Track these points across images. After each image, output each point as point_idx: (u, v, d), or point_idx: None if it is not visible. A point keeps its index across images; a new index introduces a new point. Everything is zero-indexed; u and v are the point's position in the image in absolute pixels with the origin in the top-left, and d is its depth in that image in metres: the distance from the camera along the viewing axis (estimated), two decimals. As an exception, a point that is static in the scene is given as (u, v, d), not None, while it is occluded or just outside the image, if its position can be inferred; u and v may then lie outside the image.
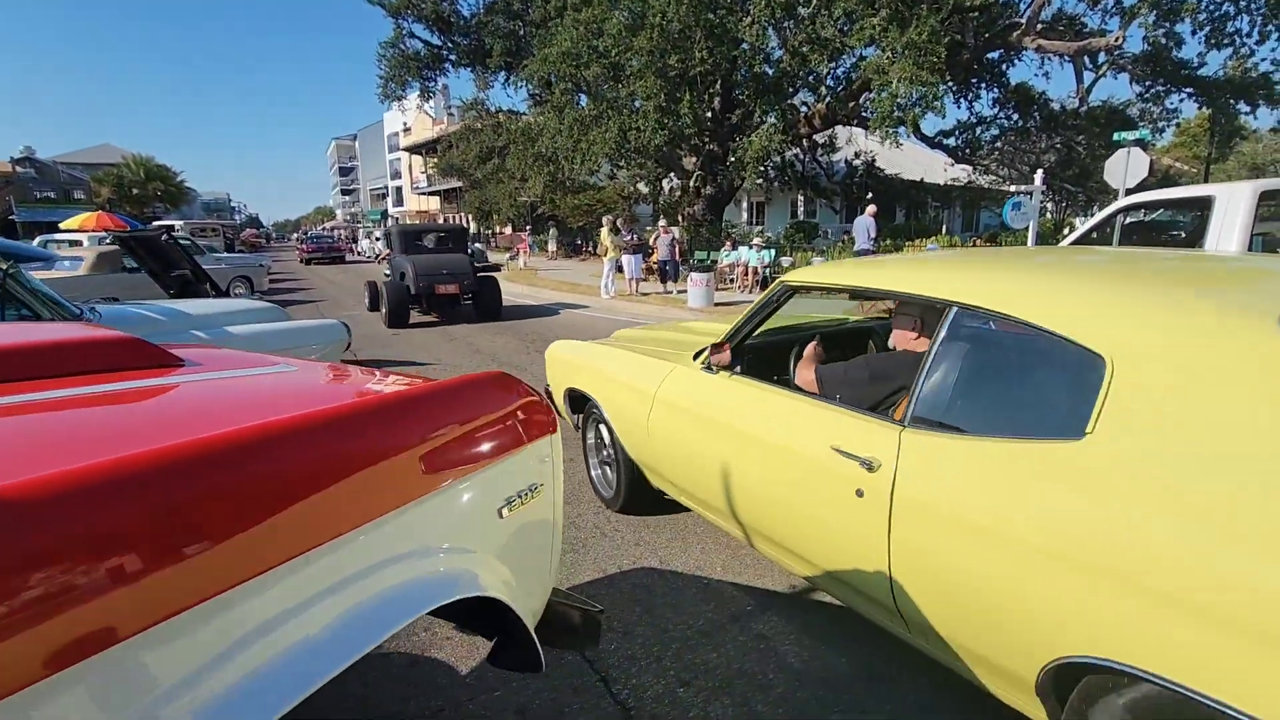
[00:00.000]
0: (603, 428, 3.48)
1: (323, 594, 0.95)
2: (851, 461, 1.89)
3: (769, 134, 14.99)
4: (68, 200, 46.01)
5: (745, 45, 15.03)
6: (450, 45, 22.78)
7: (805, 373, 2.59)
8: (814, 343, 2.78)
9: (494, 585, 1.16)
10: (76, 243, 15.75)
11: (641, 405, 3.02)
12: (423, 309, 11.15)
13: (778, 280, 2.68)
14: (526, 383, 1.42)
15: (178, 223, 31.73)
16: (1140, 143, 12.09)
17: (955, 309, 1.89)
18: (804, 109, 17.60)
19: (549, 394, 3.99)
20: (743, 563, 3.05)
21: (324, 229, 60.77)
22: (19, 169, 46.11)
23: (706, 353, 2.72)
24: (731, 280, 14.93)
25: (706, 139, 17.93)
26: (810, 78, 16.47)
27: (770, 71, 16.05)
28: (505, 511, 1.29)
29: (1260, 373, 1.28)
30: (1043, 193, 13.58)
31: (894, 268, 2.48)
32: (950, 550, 1.62)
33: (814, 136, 19.25)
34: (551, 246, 30.24)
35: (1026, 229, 11.93)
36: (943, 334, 1.89)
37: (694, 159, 18.87)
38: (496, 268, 14.20)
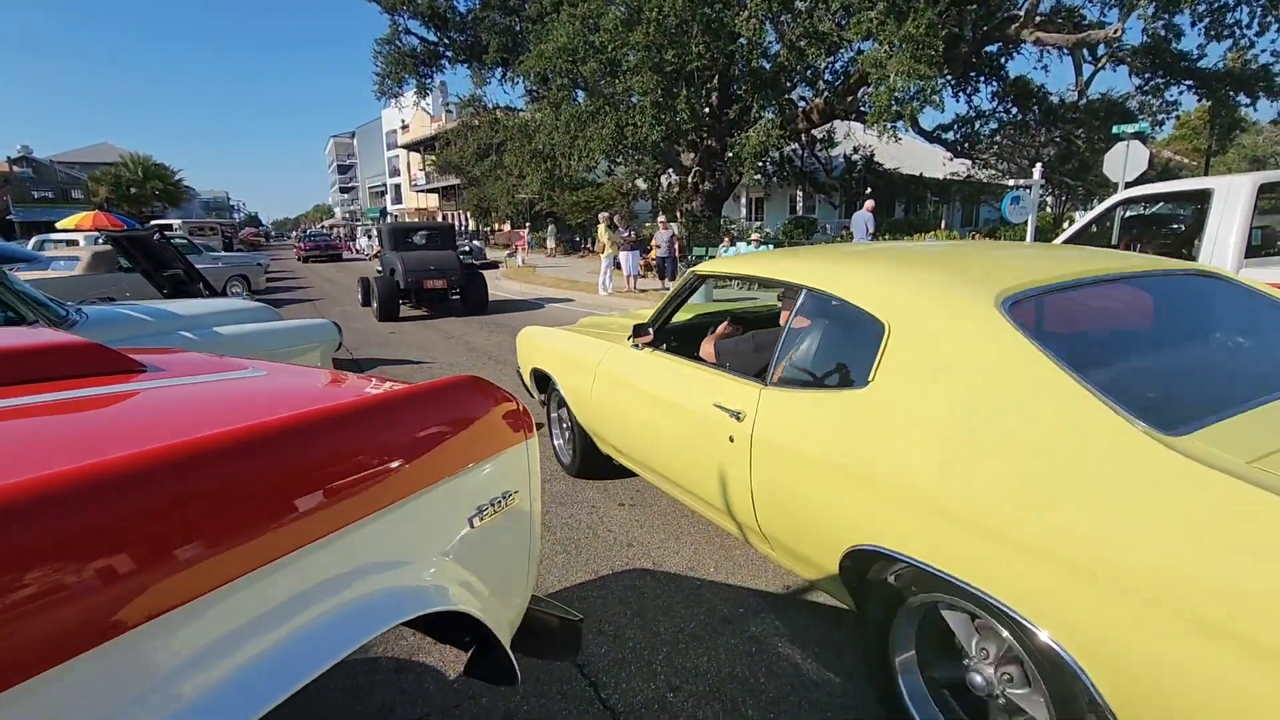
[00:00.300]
0: (561, 402, 3.92)
1: (282, 609, 0.92)
2: (726, 414, 2.35)
3: (767, 129, 14.93)
4: (65, 200, 45.92)
5: (742, 40, 14.94)
6: (446, 41, 22.69)
7: (707, 347, 3.11)
8: (724, 323, 3.37)
9: (464, 599, 1.12)
10: (73, 242, 15.69)
11: (587, 380, 3.45)
12: (412, 303, 11.68)
13: (689, 271, 3.19)
14: (502, 388, 1.38)
15: (176, 222, 31.70)
16: (1140, 136, 12.05)
17: (804, 290, 2.37)
18: (802, 104, 17.51)
19: (520, 375, 4.49)
20: (735, 563, 3.02)
21: (322, 227, 60.75)
22: (16, 169, 46.02)
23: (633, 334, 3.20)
24: (730, 276, 14.88)
25: (704, 134, 17.85)
26: (808, 72, 16.39)
27: (767, 66, 15.97)
28: (477, 520, 1.25)
29: (976, 335, 1.75)
30: (1042, 186, 13.52)
31: (773, 259, 3.16)
32: (789, 476, 2.11)
33: (812, 131, 19.17)
34: (550, 243, 30.18)
35: (1025, 223, 11.90)
36: (795, 309, 2.40)
37: (692, 155, 18.79)
38: (495, 265, 14.21)
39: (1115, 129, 12.08)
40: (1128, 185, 11.86)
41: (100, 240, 10.34)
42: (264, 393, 1.39)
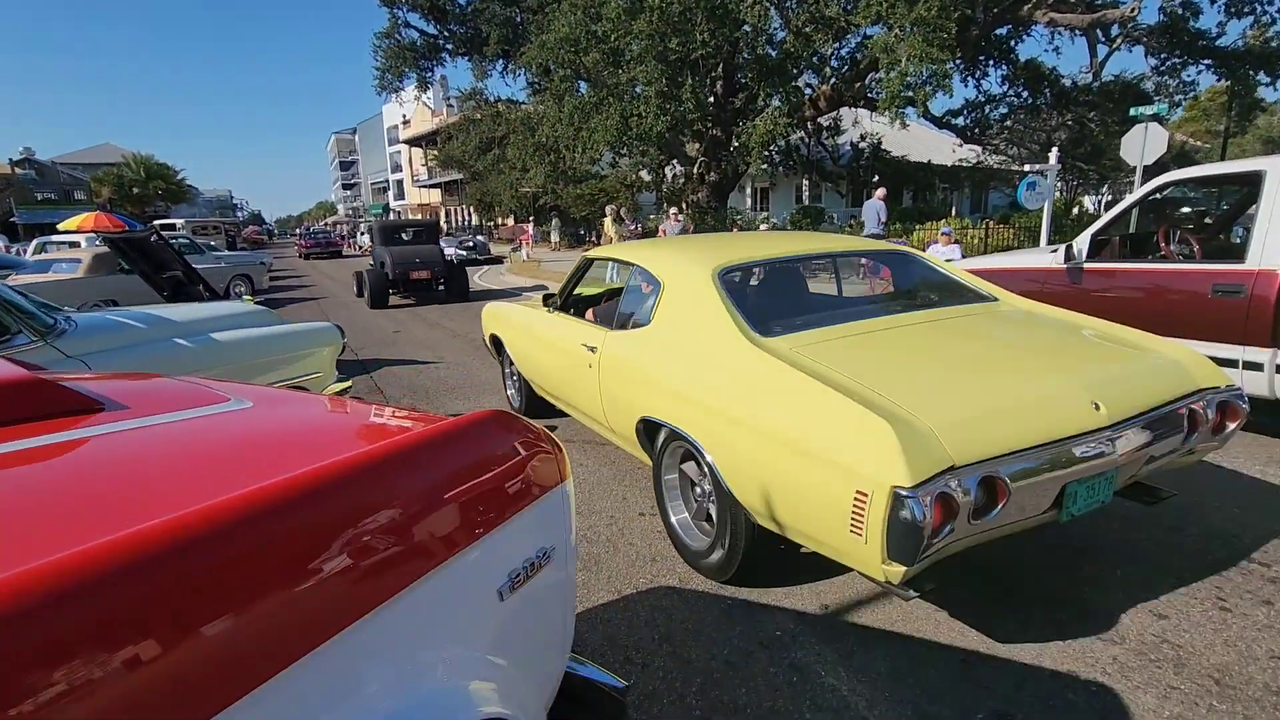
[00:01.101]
0: (510, 360, 5.03)
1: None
2: (587, 350, 3.51)
3: (773, 117, 14.64)
4: (68, 201, 45.92)
5: (747, 27, 14.65)
6: (446, 34, 22.42)
7: (589, 313, 4.22)
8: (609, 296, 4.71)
9: (490, 698, 0.92)
10: (75, 244, 15.54)
11: (522, 338, 4.60)
12: (400, 293, 13.09)
13: (581, 255, 4.40)
14: (529, 421, 1.16)
15: (179, 221, 31.59)
16: (1157, 117, 11.72)
17: (633, 265, 3.60)
18: (809, 91, 17.21)
19: (485, 342, 5.54)
20: (767, 576, 2.83)
21: (325, 225, 60.67)
22: (18, 170, 46.00)
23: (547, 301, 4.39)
24: (738, 268, 14.65)
25: (709, 124, 17.57)
26: (814, 59, 16.07)
27: (773, 53, 15.67)
28: (508, 591, 1.03)
29: (697, 292, 2.89)
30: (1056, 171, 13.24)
31: (627, 248, 4.26)
32: (615, 383, 3.27)
33: (819, 119, 18.86)
34: (554, 238, 29.94)
35: (1041, 209, 11.62)
36: (628, 279, 3.72)
37: (697, 145, 18.52)
38: (499, 260, 14.21)
39: (1132, 111, 11.76)
40: (1146, 169, 11.59)
41: (98, 242, 10.16)
42: (247, 439, 1.15)
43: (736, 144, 16.87)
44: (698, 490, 2.87)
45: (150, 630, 0.64)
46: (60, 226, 19.48)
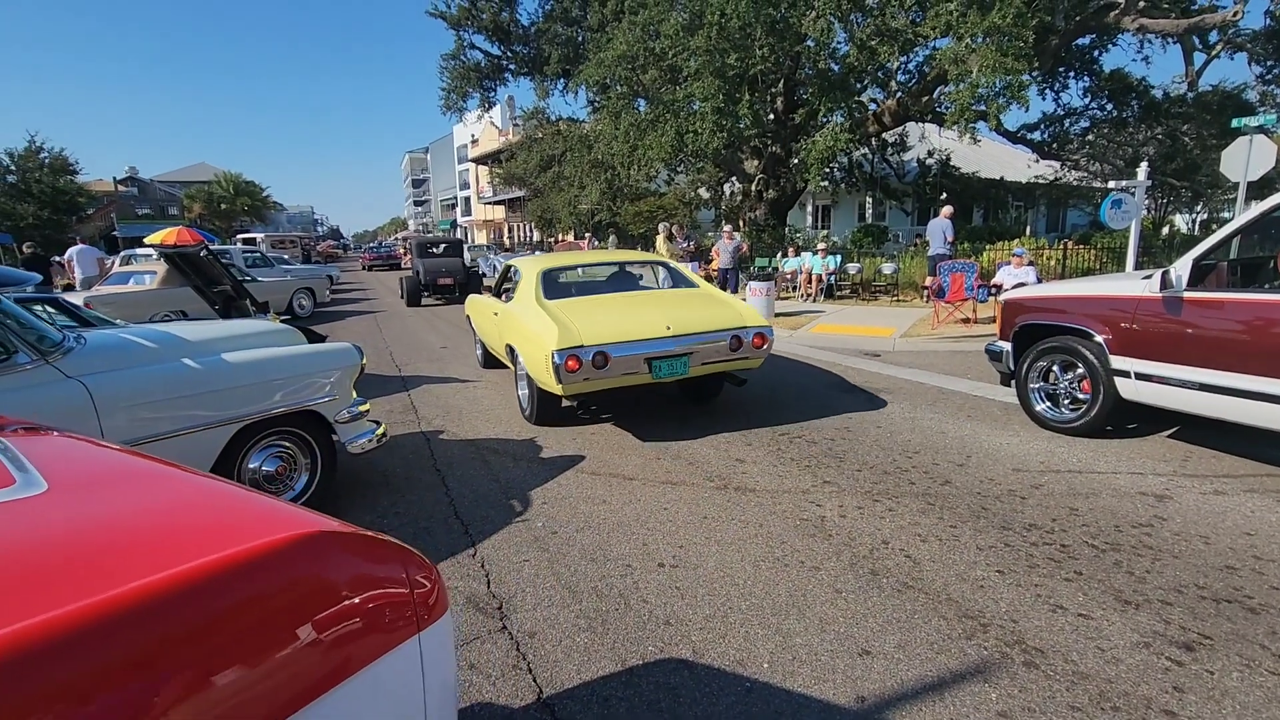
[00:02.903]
0: (474, 328, 8.05)
1: None
2: (494, 314, 6.40)
3: (835, 133, 14.10)
4: (163, 216, 49.25)
5: (809, 41, 14.22)
6: (509, 55, 22.87)
7: (502, 294, 6.69)
8: None
9: None
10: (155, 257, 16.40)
11: (474, 313, 7.71)
12: (430, 294, 16.87)
13: (505, 264, 7.09)
14: (389, 538, 0.84)
15: (259, 236, 33.33)
16: (1263, 129, 10.65)
17: (514, 267, 6.60)
18: (873, 106, 16.58)
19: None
20: (796, 656, 2.45)
21: (396, 239, 63.08)
22: (122, 188, 49.60)
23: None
24: (794, 288, 14.12)
25: (768, 140, 17.16)
26: (879, 73, 15.47)
27: (836, 68, 15.16)
28: None
29: (528, 282, 5.81)
30: (1144, 188, 12.22)
31: (518, 259, 6.73)
32: (502, 328, 6.06)
33: (883, 135, 18.16)
34: (610, 254, 29.90)
35: (1128, 229, 10.69)
36: (513, 274, 6.50)
37: (755, 162, 18.12)
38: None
39: (1234, 122, 10.72)
40: (1250, 186, 10.53)
41: (156, 257, 10.58)
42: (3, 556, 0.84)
43: (796, 160, 16.38)
44: (522, 381, 5.73)
45: None
46: (146, 240, 20.73)
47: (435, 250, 17.42)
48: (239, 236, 33.50)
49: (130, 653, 0.62)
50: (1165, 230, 22.86)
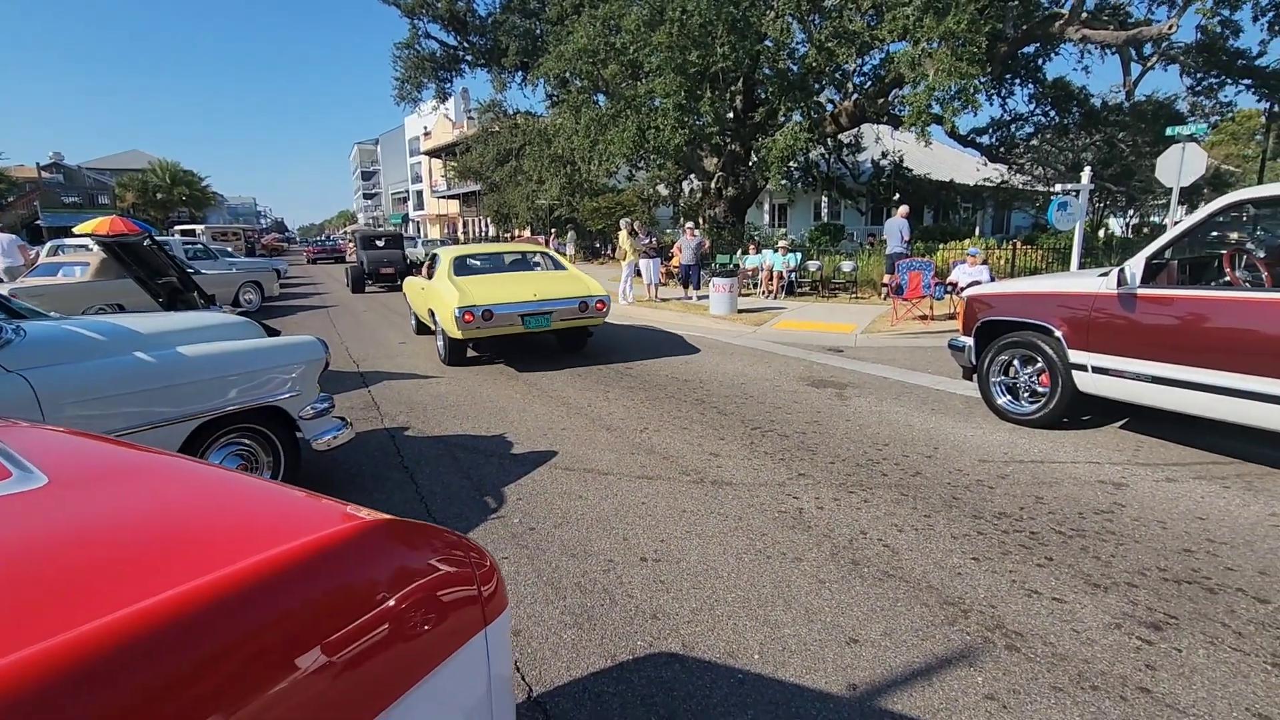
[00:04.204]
0: (409, 303, 10.41)
1: None
2: (421, 290, 8.97)
3: (794, 133, 14.30)
4: (92, 205, 46.63)
5: (769, 41, 14.37)
6: (466, 45, 22.43)
7: (424, 271, 9.30)
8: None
9: None
10: (89, 248, 15.50)
11: (411, 291, 9.91)
12: (373, 282, 18.67)
13: (432, 252, 9.29)
14: (444, 529, 0.77)
15: (199, 227, 31.85)
16: (1194, 138, 11.25)
17: (435, 254, 8.77)
18: (830, 107, 16.87)
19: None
20: (786, 647, 2.45)
21: (343, 234, 61.40)
22: (46, 174, 46.79)
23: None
24: (755, 285, 14.27)
25: (728, 139, 17.28)
26: (837, 74, 15.77)
27: (795, 68, 15.37)
28: None
29: (445, 266, 8.08)
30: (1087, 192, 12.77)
31: (441, 249, 8.98)
32: (426, 298, 8.49)
33: (839, 136, 18.50)
34: (569, 250, 29.73)
35: (1072, 231, 11.15)
36: (435, 259, 8.69)
37: (715, 159, 18.23)
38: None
39: (1169, 131, 11.31)
40: (1183, 191, 11.11)
41: (93, 247, 10.01)
42: (6, 559, 0.74)
43: (755, 159, 16.54)
44: (440, 336, 7.93)
45: None
46: (76, 230, 19.58)
47: (378, 243, 19.53)
48: (177, 228, 32.00)
49: (217, 647, 0.55)
50: (1102, 233, 23.98)
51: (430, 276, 8.51)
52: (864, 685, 2.24)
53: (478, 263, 8.93)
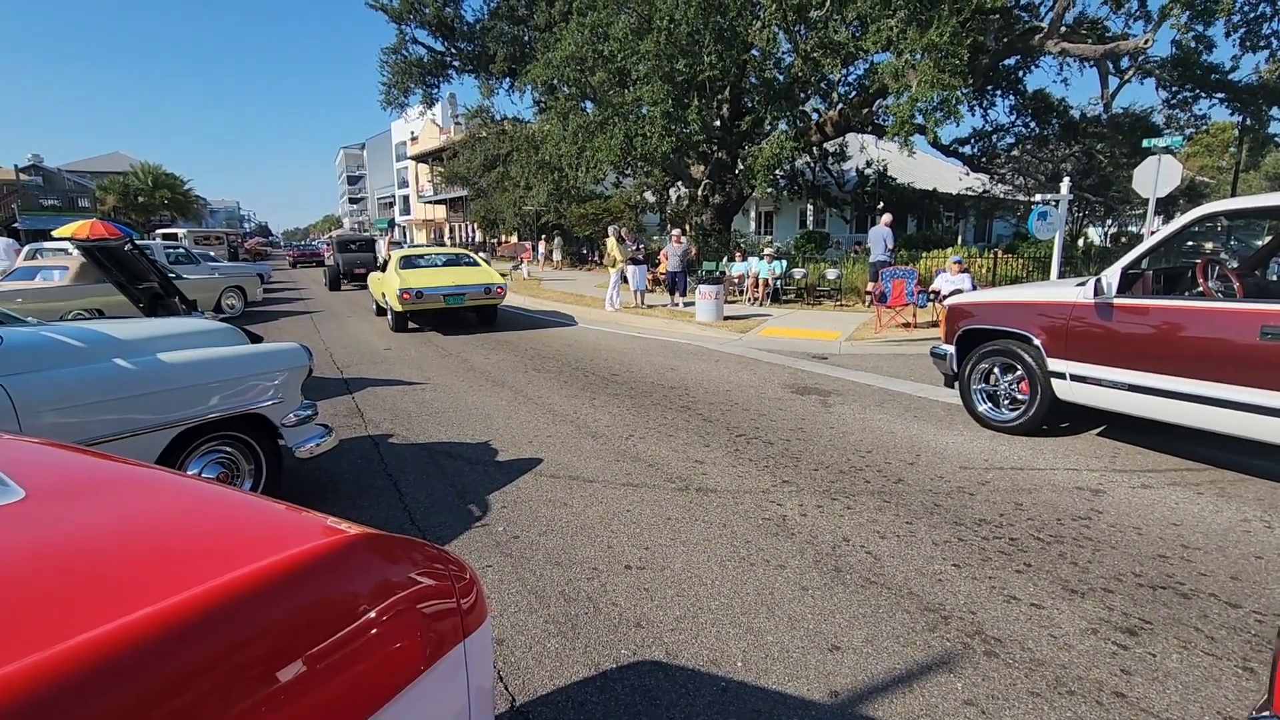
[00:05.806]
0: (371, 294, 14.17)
1: None
2: (379, 279, 12.71)
3: (779, 141, 14.43)
4: (73, 208, 45.96)
5: (755, 50, 14.50)
6: (453, 51, 22.41)
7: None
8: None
9: None
10: (68, 251, 15.26)
11: (374, 283, 13.61)
12: (348, 282, 20.88)
13: (397, 253, 12.83)
14: (423, 541, 0.77)
15: (181, 231, 31.47)
16: (1169, 150, 11.48)
17: (401, 256, 12.44)
18: (815, 116, 17.04)
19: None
20: (769, 654, 2.46)
21: (324, 239, 61.24)
22: (24, 177, 46.03)
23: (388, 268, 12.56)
24: (741, 292, 14.34)
25: (715, 146, 17.39)
26: (822, 84, 15.92)
27: (781, 77, 15.52)
28: None
29: (395, 265, 11.63)
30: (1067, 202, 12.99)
31: (405, 250, 13.79)
32: (384, 287, 11.79)
33: (824, 144, 18.69)
34: (556, 256, 29.74)
35: (1052, 240, 11.33)
36: (394, 258, 12.15)
37: (702, 167, 18.33)
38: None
39: (1145, 142, 11.52)
40: (1159, 202, 11.33)
41: (73, 251, 9.88)
42: None
43: (741, 167, 16.65)
44: (390, 314, 11.48)
45: None
46: (55, 233, 19.28)
47: (354, 247, 22.28)
48: (159, 231, 31.62)
49: (198, 662, 0.55)
50: (1081, 242, 24.36)
51: (385, 270, 12.04)
52: (846, 692, 2.26)
53: (421, 261, 12.34)
